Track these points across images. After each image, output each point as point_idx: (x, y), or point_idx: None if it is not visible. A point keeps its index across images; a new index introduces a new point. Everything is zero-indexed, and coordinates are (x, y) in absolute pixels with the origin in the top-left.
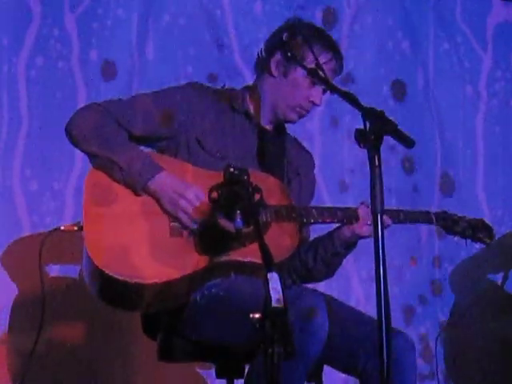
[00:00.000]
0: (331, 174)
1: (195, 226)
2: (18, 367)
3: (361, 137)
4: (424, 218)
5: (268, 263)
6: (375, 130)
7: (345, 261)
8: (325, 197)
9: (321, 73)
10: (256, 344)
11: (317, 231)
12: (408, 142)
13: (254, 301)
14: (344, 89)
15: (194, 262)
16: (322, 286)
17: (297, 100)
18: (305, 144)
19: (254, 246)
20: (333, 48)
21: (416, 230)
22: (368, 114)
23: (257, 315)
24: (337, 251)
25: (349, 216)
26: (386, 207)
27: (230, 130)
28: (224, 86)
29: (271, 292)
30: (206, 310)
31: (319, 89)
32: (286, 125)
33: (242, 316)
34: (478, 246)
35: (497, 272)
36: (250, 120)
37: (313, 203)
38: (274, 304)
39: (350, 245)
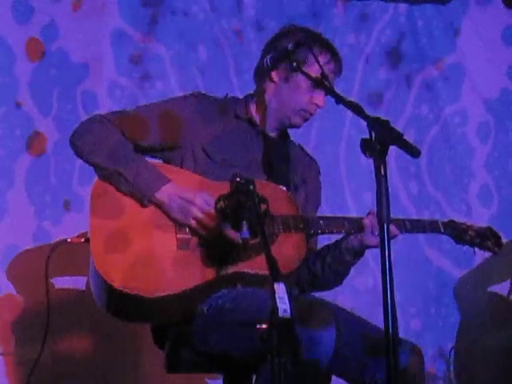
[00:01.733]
0: None
1: (205, 233)
2: (22, 378)
3: (366, 147)
4: (432, 227)
5: (275, 274)
6: (381, 140)
7: None
8: None
9: (326, 82)
10: (263, 354)
11: (325, 240)
12: (414, 152)
13: (261, 312)
14: (350, 98)
15: (201, 274)
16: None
17: (300, 103)
18: None
19: (261, 257)
20: (331, 49)
21: None
22: (373, 123)
23: (264, 326)
24: (344, 260)
25: (356, 226)
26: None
27: (234, 139)
28: (227, 95)
29: (278, 303)
30: (212, 321)
31: (321, 91)
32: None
33: (248, 327)
34: (486, 254)
35: (501, 281)
36: (254, 128)
37: None
38: (280, 314)
39: (357, 254)
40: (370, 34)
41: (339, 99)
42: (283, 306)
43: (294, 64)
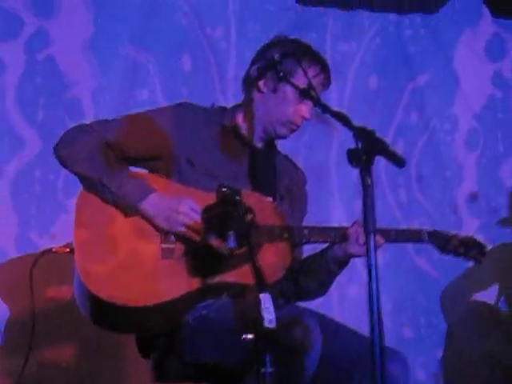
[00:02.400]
0: None
1: (197, 238)
2: None
3: (353, 157)
4: (416, 236)
5: (261, 284)
6: (366, 150)
7: None
8: None
9: (312, 92)
10: (249, 364)
11: (309, 249)
12: (399, 161)
13: (246, 322)
14: (336, 108)
15: (187, 283)
16: None
17: (287, 115)
18: None
19: (247, 267)
20: (320, 62)
21: None
22: (360, 133)
23: (249, 336)
24: (329, 270)
25: (341, 235)
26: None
27: (221, 150)
28: (214, 104)
29: (264, 313)
30: (198, 331)
31: (308, 103)
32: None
33: (233, 337)
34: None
35: (486, 288)
36: (240, 138)
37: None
38: (266, 325)
39: (342, 263)
40: (360, 43)
41: (326, 110)
42: (269, 316)
43: (281, 74)
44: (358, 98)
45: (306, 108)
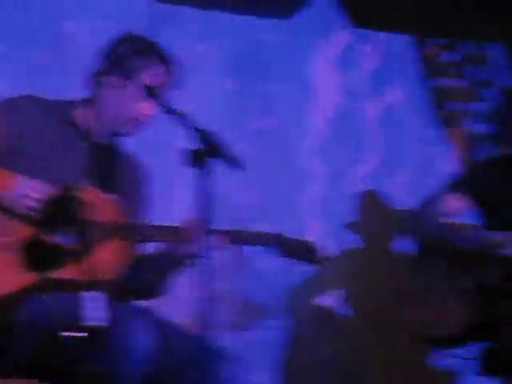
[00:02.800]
0: None
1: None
2: None
3: (192, 157)
4: (260, 239)
5: (92, 281)
6: (207, 152)
7: None
8: None
9: (157, 91)
10: (77, 362)
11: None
12: (236, 165)
13: (75, 319)
14: (178, 109)
15: (23, 277)
16: None
17: (132, 112)
18: None
19: (81, 264)
20: (168, 60)
21: None
22: (200, 135)
23: (72, 334)
24: (167, 269)
25: (180, 235)
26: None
27: (59, 144)
28: (61, 98)
29: (88, 310)
30: (28, 327)
31: (154, 101)
32: None
33: (61, 334)
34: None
35: (331, 292)
36: (83, 133)
37: None
38: (90, 323)
39: (179, 263)
40: (216, 44)
41: (169, 109)
42: (94, 314)
43: (127, 71)
44: (211, 99)
45: (150, 106)
